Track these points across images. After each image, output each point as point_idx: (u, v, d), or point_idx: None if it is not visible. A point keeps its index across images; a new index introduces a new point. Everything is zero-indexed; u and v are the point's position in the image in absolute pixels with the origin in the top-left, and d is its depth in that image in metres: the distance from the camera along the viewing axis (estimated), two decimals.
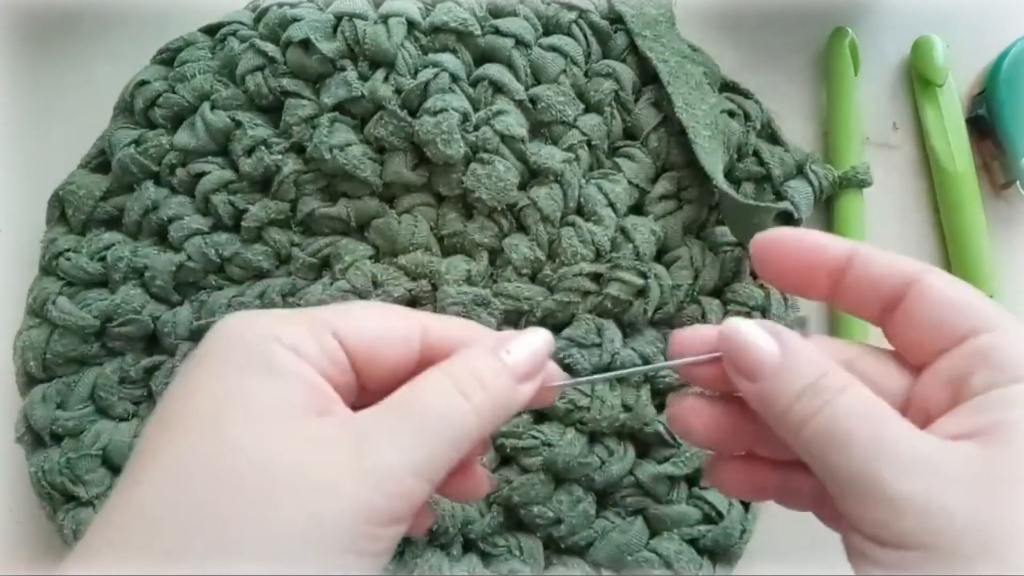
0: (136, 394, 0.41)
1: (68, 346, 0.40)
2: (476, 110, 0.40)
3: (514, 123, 0.39)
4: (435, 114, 0.39)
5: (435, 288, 0.40)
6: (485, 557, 0.40)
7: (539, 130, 0.41)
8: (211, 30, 0.42)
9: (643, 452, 0.41)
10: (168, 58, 0.42)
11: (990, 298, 0.23)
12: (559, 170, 0.40)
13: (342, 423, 0.22)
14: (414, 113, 0.39)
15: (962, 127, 0.45)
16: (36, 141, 0.45)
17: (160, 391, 0.40)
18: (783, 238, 0.25)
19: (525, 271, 0.40)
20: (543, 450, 0.39)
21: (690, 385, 0.26)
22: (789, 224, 0.41)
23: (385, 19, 0.40)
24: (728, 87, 0.43)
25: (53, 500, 0.39)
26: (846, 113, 0.45)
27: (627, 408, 0.40)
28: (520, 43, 0.41)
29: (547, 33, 0.42)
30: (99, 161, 0.42)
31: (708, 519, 0.40)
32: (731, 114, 0.42)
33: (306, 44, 0.40)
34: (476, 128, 0.39)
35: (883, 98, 0.47)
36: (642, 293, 0.40)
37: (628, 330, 0.41)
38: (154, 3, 0.45)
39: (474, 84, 0.40)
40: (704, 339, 0.25)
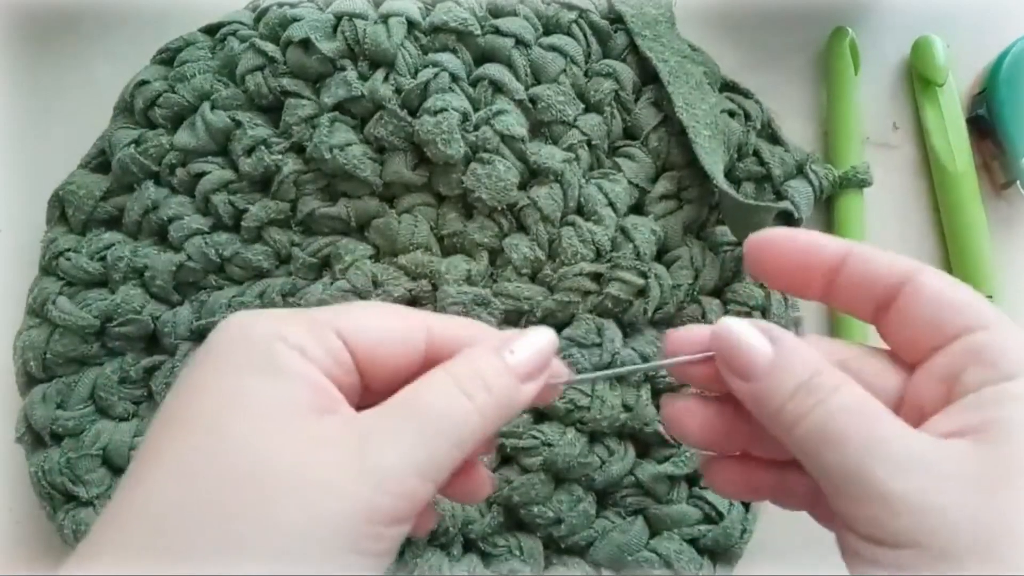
0: (136, 394, 0.41)
1: (68, 346, 0.40)
2: (476, 110, 0.40)
3: (514, 123, 0.39)
4: (435, 114, 0.39)
5: (435, 288, 0.40)
6: (485, 557, 0.40)
7: (539, 130, 0.41)
8: (211, 30, 0.42)
9: (643, 452, 0.41)
10: (168, 58, 0.42)
11: (989, 298, 0.23)
12: (559, 170, 0.40)
13: (345, 423, 0.22)
14: (414, 113, 0.39)
15: (962, 127, 0.45)
16: (36, 141, 0.45)
17: (160, 391, 0.40)
18: (776, 238, 0.24)
19: (525, 271, 0.40)
20: (543, 450, 0.39)
21: (688, 385, 0.26)
22: (789, 224, 0.41)
23: (385, 19, 0.40)
24: (728, 87, 0.43)
25: (53, 500, 0.39)
26: (846, 113, 0.45)
27: (627, 408, 0.40)
28: (520, 43, 0.41)
29: (547, 33, 0.42)
30: (99, 161, 0.42)
31: (708, 519, 0.40)
32: (731, 114, 0.42)
33: (306, 44, 0.40)
34: (476, 128, 0.39)
35: (883, 98, 0.47)
36: (642, 293, 0.40)
37: (628, 330, 0.41)
38: (154, 3, 0.45)
39: (474, 84, 0.40)
40: (698, 339, 0.24)
